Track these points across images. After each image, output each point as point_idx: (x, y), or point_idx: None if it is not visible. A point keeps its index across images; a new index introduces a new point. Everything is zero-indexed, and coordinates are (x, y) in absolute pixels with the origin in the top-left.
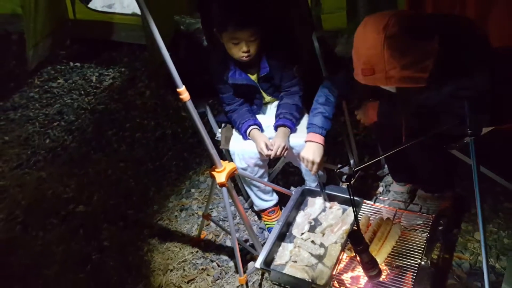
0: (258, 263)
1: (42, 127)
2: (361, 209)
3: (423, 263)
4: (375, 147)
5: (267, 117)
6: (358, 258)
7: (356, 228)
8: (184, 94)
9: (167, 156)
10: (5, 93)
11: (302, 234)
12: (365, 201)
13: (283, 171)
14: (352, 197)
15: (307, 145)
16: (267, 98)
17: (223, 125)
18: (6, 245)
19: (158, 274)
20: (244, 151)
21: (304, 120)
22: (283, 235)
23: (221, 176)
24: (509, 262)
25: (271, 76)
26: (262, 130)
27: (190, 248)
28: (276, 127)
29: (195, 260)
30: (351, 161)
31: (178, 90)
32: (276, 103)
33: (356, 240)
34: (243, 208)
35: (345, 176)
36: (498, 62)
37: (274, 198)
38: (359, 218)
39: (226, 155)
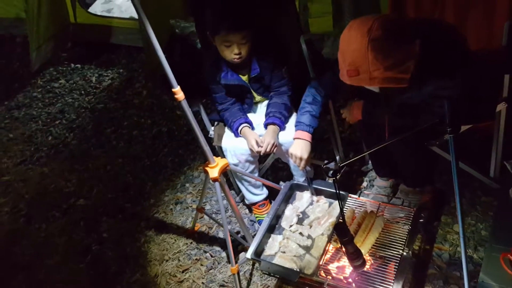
0: (249, 254)
1: (45, 125)
2: (347, 202)
3: (405, 253)
4: (360, 144)
5: (258, 116)
6: (343, 249)
7: (341, 220)
8: (179, 94)
9: (163, 152)
10: (9, 93)
11: (291, 226)
12: (350, 195)
13: (272, 167)
14: (338, 191)
15: (295, 142)
16: (258, 97)
17: (215, 123)
18: (11, 236)
19: (155, 264)
20: (236, 147)
21: (293, 119)
22: (273, 227)
23: (214, 172)
24: (487, 252)
25: (261, 76)
26: (252, 128)
27: (184, 240)
28: (266, 125)
29: (189, 251)
30: (337, 157)
31: (173, 90)
32: (266, 102)
33: (341, 232)
34: (234, 201)
35: (331, 172)
36: (475, 64)
37: (264, 192)
38: (344, 211)
39: (218, 152)
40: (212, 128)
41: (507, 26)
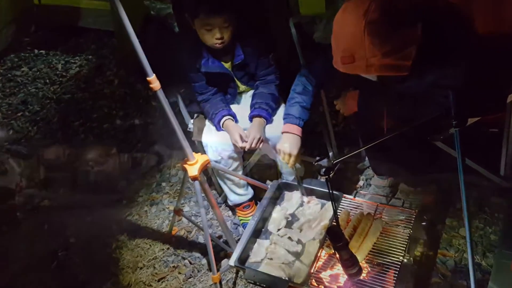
0: (232, 261)
1: (5, 118)
2: (341, 203)
3: (405, 260)
4: (355, 138)
5: (242, 107)
6: (337, 256)
7: (335, 223)
8: (155, 83)
9: (136, 148)
10: None
11: (279, 230)
12: (344, 195)
13: (258, 164)
14: (331, 191)
15: (284, 137)
16: (242, 87)
17: (195, 115)
18: None
19: (127, 272)
20: (218, 143)
21: (281, 111)
22: (259, 231)
23: (193, 169)
24: (496, 259)
25: (246, 64)
26: (236, 121)
27: (160, 245)
28: (251, 118)
29: (166, 257)
30: (330, 154)
31: (148, 78)
32: (251, 92)
33: (335, 237)
34: (216, 202)
35: (323, 169)
36: (483, 49)
37: (249, 192)
38: (338, 213)
39: (198, 147)
40: (191, 121)
41: None
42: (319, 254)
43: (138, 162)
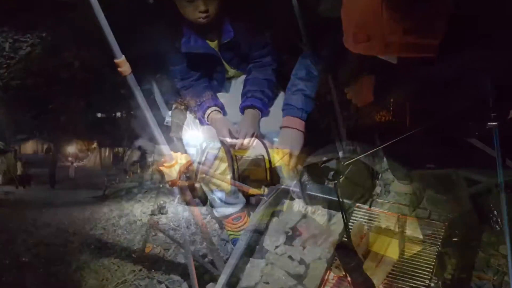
0: (219, 285)
1: None
2: (353, 215)
3: (433, 284)
4: (371, 134)
5: (232, 96)
6: (348, 279)
7: (346, 239)
8: (124, 66)
9: (100, 146)
10: None
11: (277, 247)
12: (357, 204)
13: (251, 166)
14: (340, 200)
15: (283, 132)
16: (231, 71)
17: (174, 106)
18: None
19: None
20: (202, 140)
21: (279, 100)
22: (252, 249)
23: (172, 172)
24: None
25: (236, 42)
26: (224, 113)
27: (131, 265)
28: (242, 109)
29: (137, 281)
30: (340, 153)
31: (116, 61)
32: (242, 78)
33: (346, 255)
34: (200, 213)
35: (331, 173)
36: None
37: (240, 200)
38: (350, 227)
39: (178, 145)
40: (169, 113)
41: None
42: (326, 277)
43: (103, 163)
